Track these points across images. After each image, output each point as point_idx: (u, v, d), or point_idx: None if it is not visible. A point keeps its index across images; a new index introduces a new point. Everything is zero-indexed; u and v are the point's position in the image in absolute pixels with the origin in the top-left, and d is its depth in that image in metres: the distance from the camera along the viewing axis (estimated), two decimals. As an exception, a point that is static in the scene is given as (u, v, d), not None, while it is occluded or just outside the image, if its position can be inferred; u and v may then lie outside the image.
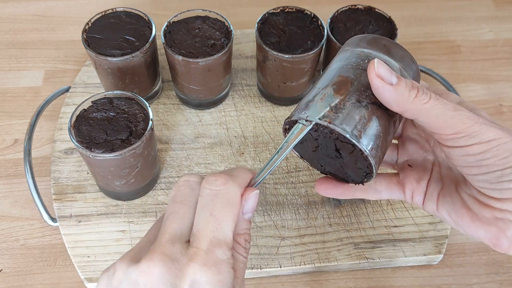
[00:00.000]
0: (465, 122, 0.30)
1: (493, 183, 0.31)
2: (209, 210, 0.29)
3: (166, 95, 0.62)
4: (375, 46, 0.35)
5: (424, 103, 0.30)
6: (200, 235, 0.28)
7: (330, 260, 0.49)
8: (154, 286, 0.27)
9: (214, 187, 0.31)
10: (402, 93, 0.30)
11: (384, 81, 0.30)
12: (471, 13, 0.76)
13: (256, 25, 0.55)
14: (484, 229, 0.33)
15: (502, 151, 0.30)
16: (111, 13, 0.56)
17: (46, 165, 0.56)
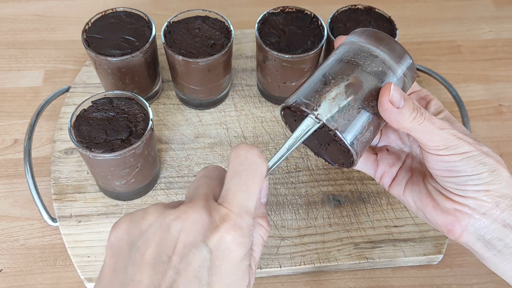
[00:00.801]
0: (447, 138, 0.36)
1: (459, 185, 0.37)
2: (243, 179, 0.31)
3: (166, 95, 0.62)
4: (391, 52, 0.36)
5: (419, 123, 0.35)
6: (232, 200, 0.31)
7: (330, 260, 0.49)
8: (188, 231, 0.28)
9: (251, 156, 0.32)
10: (405, 115, 0.35)
11: (394, 106, 0.35)
12: (471, 13, 0.76)
13: (256, 25, 0.55)
14: (443, 217, 0.38)
15: (471, 162, 0.36)
16: (111, 13, 0.56)
17: (46, 165, 0.56)
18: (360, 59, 0.36)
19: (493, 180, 0.36)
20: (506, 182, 0.37)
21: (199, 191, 0.32)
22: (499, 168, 0.37)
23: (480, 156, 0.36)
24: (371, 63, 0.36)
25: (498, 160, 0.37)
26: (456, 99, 0.61)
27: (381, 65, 0.36)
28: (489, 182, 0.36)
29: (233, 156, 0.33)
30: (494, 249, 0.37)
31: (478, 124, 0.62)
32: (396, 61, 0.37)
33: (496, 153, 0.38)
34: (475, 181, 0.36)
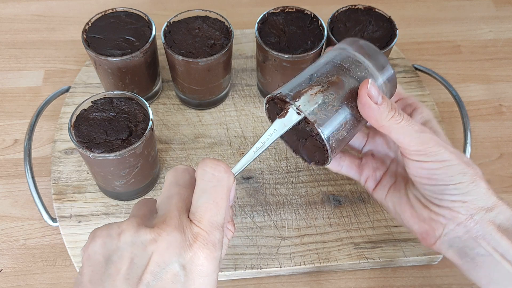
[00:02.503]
0: (426, 143, 0.36)
1: (436, 193, 0.38)
2: (212, 196, 0.33)
3: (166, 95, 0.62)
4: (375, 61, 0.39)
5: (398, 123, 0.36)
6: (202, 218, 0.32)
7: (330, 260, 0.49)
8: (161, 252, 0.30)
9: (218, 172, 0.34)
10: (382, 112, 0.36)
11: (372, 100, 0.36)
12: (471, 13, 0.76)
13: (256, 25, 0.55)
14: (419, 225, 0.39)
15: (450, 171, 0.37)
16: (111, 13, 0.56)
17: (46, 165, 0.56)
18: (346, 63, 0.38)
19: (471, 192, 0.37)
20: (483, 194, 0.37)
21: (171, 203, 0.33)
22: (477, 180, 0.37)
23: (461, 166, 0.37)
24: (355, 68, 0.38)
25: (477, 172, 0.37)
26: (456, 99, 0.61)
27: (364, 71, 0.38)
28: (466, 193, 0.37)
29: (200, 173, 0.34)
30: (466, 257, 0.38)
31: (478, 124, 0.63)
32: (379, 70, 0.39)
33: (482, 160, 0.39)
34: (452, 191, 0.37)
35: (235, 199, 0.53)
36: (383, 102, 0.36)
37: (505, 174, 0.58)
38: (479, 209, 0.37)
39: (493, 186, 0.56)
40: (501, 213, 0.37)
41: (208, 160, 0.34)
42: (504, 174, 0.58)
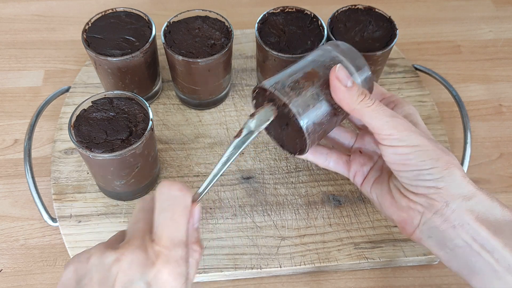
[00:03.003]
0: (396, 127, 0.37)
1: (411, 180, 0.38)
2: (169, 214, 0.35)
3: (166, 95, 0.62)
4: (349, 56, 0.41)
5: (368, 106, 0.38)
6: (162, 235, 0.34)
7: (330, 260, 0.49)
8: (125, 271, 0.31)
9: (174, 191, 0.36)
10: (352, 95, 0.38)
11: (341, 83, 0.38)
12: (471, 13, 0.76)
13: (256, 25, 0.55)
14: (398, 214, 0.40)
15: (422, 156, 0.37)
16: (111, 13, 0.56)
17: (46, 165, 0.56)
18: (324, 58, 0.41)
19: (444, 177, 0.37)
20: (459, 182, 0.37)
21: (137, 227, 0.35)
22: (451, 167, 0.37)
23: (434, 152, 0.37)
24: (333, 63, 0.40)
25: (451, 160, 0.37)
26: (456, 99, 0.61)
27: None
28: (439, 178, 0.37)
29: (157, 193, 0.36)
30: (446, 248, 0.38)
31: (478, 124, 0.63)
32: (356, 69, 0.40)
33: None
34: (426, 176, 0.37)
35: (235, 199, 0.53)
36: (353, 85, 0.38)
37: (505, 174, 0.58)
38: (454, 196, 0.37)
39: (493, 186, 0.57)
40: (479, 203, 0.37)
41: (165, 181, 0.36)
42: (504, 174, 0.58)
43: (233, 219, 0.51)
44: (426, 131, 0.41)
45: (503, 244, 0.35)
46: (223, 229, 0.51)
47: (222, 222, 0.51)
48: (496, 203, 0.37)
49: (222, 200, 0.53)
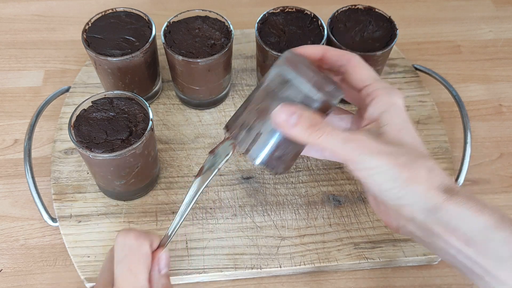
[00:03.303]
0: (350, 153, 0.36)
1: (377, 195, 0.38)
2: (126, 265, 0.36)
3: (166, 95, 0.62)
4: (302, 72, 0.38)
5: (318, 138, 0.36)
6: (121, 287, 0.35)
7: (330, 260, 0.49)
8: None
9: (128, 241, 0.37)
10: (299, 132, 0.36)
11: (287, 124, 0.36)
12: (471, 13, 0.76)
13: (256, 25, 0.55)
14: (381, 214, 0.41)
15: (379, 178, 0.36)
16: (111, 13, 0.56)
17: (46, 165, 0.56)
18: (277, 85, 0.38)
19: (404, 197, 0.36)
20: (421, 197, 0.36)
21: (102, 278, 0.37)
22: (412, 184, 0.36)
23: (392, 171, 0.36)
24: (282, 87, 0.37)
25: (414, 175, 0.36)
26: (456, 99, 0.61)
27: (290, 90, 0.37)
28: (399, 198, 0.36)
29: (115, 244, 0.37)
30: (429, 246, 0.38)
31: (478, 124, 0.63)
32: (312, 84, 0.37)
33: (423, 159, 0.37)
34: (386, 195, 0.37)
35: (235, 199, 0.53)
36: (298, 123, 0.36)
37: (505, 174, 0.58)
38: (418, 212, 0.36)
39: (493, 186, 0.57)
40: (448, 213, 0.36)
41: (121, 231, 0.38)
42: (504, 174, 0.58)
43: (233, 219, 0.51)
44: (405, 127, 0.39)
45: (477, 253, 0.35)
46: (223, 229, 0.51)
47: (222, 222, 0.51)
48: (468, 211, 0.35)
49: (222, 200, 0.53)
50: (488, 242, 0.35)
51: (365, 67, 0.41)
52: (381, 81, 0.41)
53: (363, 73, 0.41)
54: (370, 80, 0.41)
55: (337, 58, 0.42)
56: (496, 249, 0.35)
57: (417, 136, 0.39)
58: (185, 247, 0.49)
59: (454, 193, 0.36)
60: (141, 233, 0.39)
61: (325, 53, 0.42)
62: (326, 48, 0.42)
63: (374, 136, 0.37)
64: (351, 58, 0.41)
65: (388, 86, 0.40)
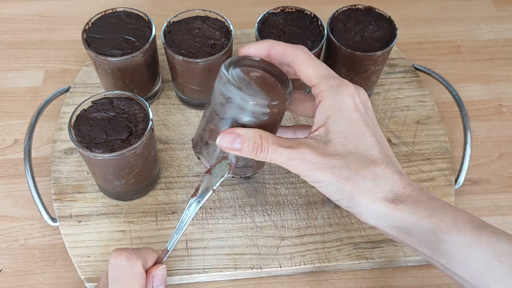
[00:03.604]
0: (296, 169, 0.38)
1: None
2: (118, 286, 0.37)
3: (166, 95, 0.62)
4: (242, 85, 0.38)
5: (265, 157, 0.38)
6: None
7: (330, 260, 0.49)
8: None
9: (120, 261, 0.38)
10: (246, 154, 0.38)
11: (233, 149, 0.38)
12: (471, 13, 0.76)
13: (256, 25, 0.55)
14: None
15: (327, 190, 0.38)
16: (111, 13, 0.56)
17: (46, 165, 0.56)
18: (219, 107, 0.39)
19: (353, 206, 0.38)
20: (368, 207, 0.37)
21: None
22: (356, 197, 0.37)
23: (337, 184, 0.37)
24: (229, 109, 0.38)
25: (356, 188, 0.37)
26: (456, 99, 0.61)
27: (239, 111, 0.38)
28: (350, 207, 0.38)
29: (108, 265, 0.38)
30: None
31: (478, 124, 0.63)
32: (255, 104, 0.38)
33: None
34: (340, 204, 0.38)
35: (235, 199, 0.53)
36: (242, 148, 0.38)
37: (505, 174, 0.58)
38: (369, 218, 0.38)
39: (493, 186, 0.57)
40: (397, 220, 0.37)
41: (114, 251, 0.39)
42: (504, 174, 0.58)
43: (233, 219, 0.51)
44: (351, 133, 0.38)
45: (431, 253, 0.36)
46: (223, 229, 0.51)
47: (222, 222, 0.51)
48: (415, 217, 0.36)
49: (222, 200, 0.53)
50: (439, 244, 0.36)
51: (310, 63, 0.40)
52: (329, 77, 0.39)
53: (309, 71, 0.40)
54: (316, 79, 0.40)
55: (283, 54, 0.41)
56: (448, 251, 0.35)
57: (368, 137, 0.38)
58: (185, 247, 0.49)
59: (401, 200, 0.37)
60: (134, 252, 0.39)
61: (270, 50, 0.41)
62: (272, 44, 0.41)
63: (320, 146, 0.38)
64: (296, 54, 0.40)
65: (335, 85, 0.39)
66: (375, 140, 0.38)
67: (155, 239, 0.50)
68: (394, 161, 0.39)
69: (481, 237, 0.35)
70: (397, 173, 0.38)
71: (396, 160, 0.40)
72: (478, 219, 0.37)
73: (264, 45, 0.41)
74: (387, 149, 0.39)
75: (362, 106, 0.40)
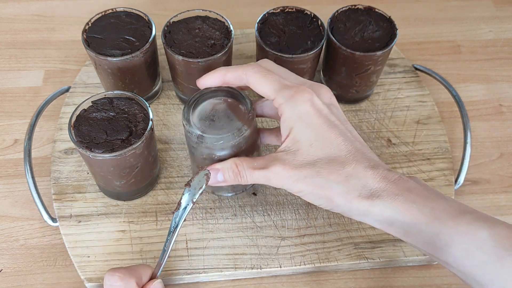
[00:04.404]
0: (276, 185, 0.40)
1: None
2: None
3: (166, 95, 0.62)
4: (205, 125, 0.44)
5: (246, 181, 0.41)
6: None
7: (330, 260, 0.49)
8: None
9: (114, 282, 0.40)
10: (231, 181, 0.41)
11: (218, 182, 0.42)
12: (471, 13, 0.76)
13: (256, 25, 0.55)
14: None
15: (308, 198, 0.40)
16: (111, 13, 0.56)
17: (46, 165, 0.56)
18: (196, 145, 0.44)
19: (334, 208, 0.39)
20: (349, 208, 0.38)
21: None
22: (335, 200, 0.38)
23: (313, 192, 0.39)
24: (202, 148, 0.43)
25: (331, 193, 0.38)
26: (456, 99, 0.61)
27: (212, 148, 0.43)
28: (332, 208, 0.39)
29: (103, 285, 0.40)
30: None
31: (478, 124, 0.63)
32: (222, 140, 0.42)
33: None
34: (325, 208, 0.40)
35: (235, 199, 0.53)
36: (225, 179, 0.41)
37: (505, 174, 0.58)
38: (354, 215, 0.39)
39: (493, 186, 0.57)
40: (378, 215, 0.38)
41: (108, 271, 0.40)
42: (504, 174, 0.58)
43: (233, 219, 0.51)
44: (315, 139, 0.39)
45: (415, 241, 0.38)
46: (223, 229, 0.51)
47: (222, 222, 0.51)
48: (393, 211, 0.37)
49: (222, 200, 0.53)
50: (422, 234, 0.37)
51: (262, 81, 0.41)
52: (282, 89, 0.40)
53: (263, 88, 0.41)
54: (272, 94, 0.41)
55: (236, 79, 0.43)
56: (431, 241, 0.37)
57: (334, 139, 0.39)
58: (185, 247, 0.49)
59: (377, 196, 0.38)
60: (127, 271, 0.41)
61: (224, 77, 0.43)
62: (224, 71, 0.43)
63: (290, 158, 0.39)
64: (248, 75, 0.42)
65: (290, 95, 0.40)
66: (342, 140, 0.39)
67: (155, 239, 0.50)
68: (366, 155, 0.40)
69: (461, 226, 0.36)
70: (369, 169, 0.38)
71: (370, 152, 0.40)
72: (457, 205, 0.38)
73: (217, 75, 0.43)
74: (357, 145, 0.40)
75: (323, 107, 0.40)
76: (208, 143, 0.42)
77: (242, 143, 0.43)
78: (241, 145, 0.43)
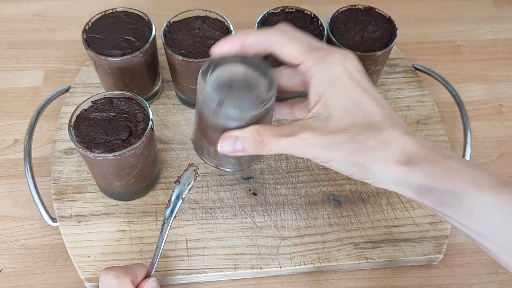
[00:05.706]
0: (303, 155, 0.37)
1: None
2: None
3: (166, 95, 0.62)
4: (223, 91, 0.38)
5: (269, 151, 0.37)
6: None
7: (330, 260, 0.49)
8: None
9: (109, 280, 0.40)
10: (251, 151, 0.38)
11: (236, 151, 0.38)
12: (471, 13, 0.76)
13: (256, 25, 0.55)
14: None
15: (338, 167, 0.37)
16: (111, 13, 0.56)
17: (46, 165, 0.56)
18: (212, 117, 0.39)
19: (367, 177, 0.36)
20: (382, 176, 0.36)
21: None
22: (370, 166, 0.36)
23: (347, 160, 0.36)
24: (220, 116, 0.38)
25: (367, 159, 0.36)
26: (456, 99, 0.61)
27: (230, 116, 0.38)
28: (364, 178, 0.37)
29: (99, 285, 0.41)
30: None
31: (478, 124, 0.63)
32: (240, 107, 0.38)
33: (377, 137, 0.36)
34: (355, 177, 0.37)
35: (235, 199, 0.53)
36: (244, 148, 0.38)
37: (505, 174, 0.58)
38: (386, 185, 0.36)
39: (493, 186, 0.57)
40: (412, 184, 0.35)
41: (104, 270, 0.40)
42: (504, 174, 0.58)
43: (233, 219, 0.51)
44: (350, 103, 0.37)
45: (452, 212, 0.35)
46: (223, 229, 0.51)
47: (222, 222, 0.51)
48: (433, 179, 0.35)
49: (222, 200, 0.53)
50: (460, 203, 0.35)
51: (287, 43, 0.38)
52: (311, 51, 0.38)
53: (290, 50, 0.38)
54: (300, 56, 0.38)
55: (259, 42, 0.39)
56: (469, 210, 0.35)
57: (368, 103, 0.37)
58: (185, 247, 0.49)
59: (416, 163, 0.35)
60: (122, 270, 0.41)
61: (243, 42, 0.39)
62: (244, 35, 0.39)
63: (321, 125, 0.36)
64: (272, 37, 0.39)
65: (320, 57, 0.37)
66: (376, 105, 0.37)
67: (155, 239, 0.50)
68: (399, 122, 0.37)
69: (502, 195, 0.34)
70: (406, 135, 0.36)
71: (401, 120, 0.38)
72: (496, 176, 0.35)
73: (236, 39, 0.39)
74: (389, 111, 0.37)
75: (355, 71, 0.38)
76: (227, 112, 0.38)
77: (264, 112, 0.39)
78: (261, 115, 0.39)
